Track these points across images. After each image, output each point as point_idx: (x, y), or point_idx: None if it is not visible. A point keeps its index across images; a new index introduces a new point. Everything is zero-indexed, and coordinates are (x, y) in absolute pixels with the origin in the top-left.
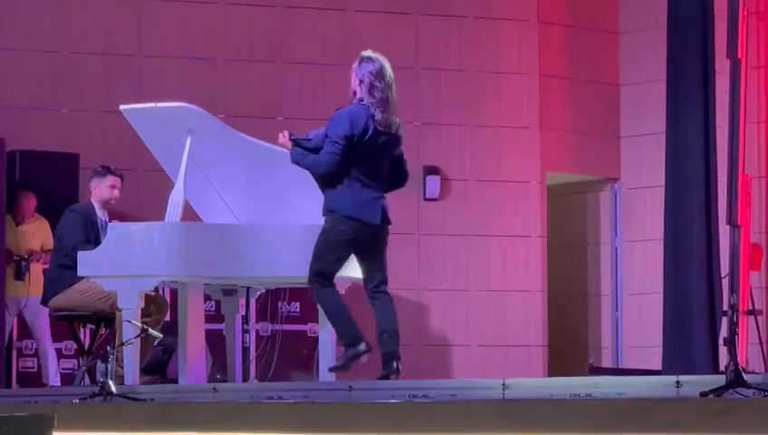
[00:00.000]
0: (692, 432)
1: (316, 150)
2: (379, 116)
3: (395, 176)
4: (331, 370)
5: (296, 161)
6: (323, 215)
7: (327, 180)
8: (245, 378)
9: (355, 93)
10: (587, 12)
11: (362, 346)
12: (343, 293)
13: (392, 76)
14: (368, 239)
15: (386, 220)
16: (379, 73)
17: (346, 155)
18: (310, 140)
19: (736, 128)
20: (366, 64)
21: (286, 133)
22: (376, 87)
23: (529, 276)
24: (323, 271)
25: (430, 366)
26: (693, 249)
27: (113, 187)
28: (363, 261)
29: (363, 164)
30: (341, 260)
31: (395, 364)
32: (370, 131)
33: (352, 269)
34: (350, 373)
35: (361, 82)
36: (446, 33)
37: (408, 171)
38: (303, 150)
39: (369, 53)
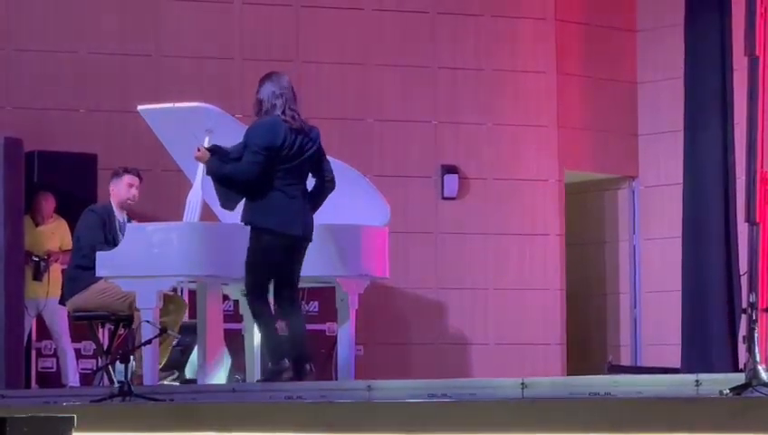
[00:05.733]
0: (712, 431)
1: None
2: (296, 125)
3: (319, 186)
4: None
5: (213, 172)
6: (249, 226)
7: (248, 189)
8: None
9: (265, 106)
10: (604, 10)
11: (285, 362)
12: (361, 292)
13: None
14: (291, 250)
15: (308, 233)
16: (290, 87)
17: (267, 165)
18: (228, 152)
19: (754, 125)
20: (278, 79)
21: (202, 147)
22: (290, 100)
23: (547, 275)
24: (259, 285)
25: (449, 365)
26: (711, 247)
27: (131, 185)
28: (283, 270)
29: (286, 175)
30: (272, 274)
31: (308, 367)
32: (288, 143)
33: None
34: (368, 373)
35: (280, 95)
36: (463, 32)
37: (333, 179)
38: (221, 161)
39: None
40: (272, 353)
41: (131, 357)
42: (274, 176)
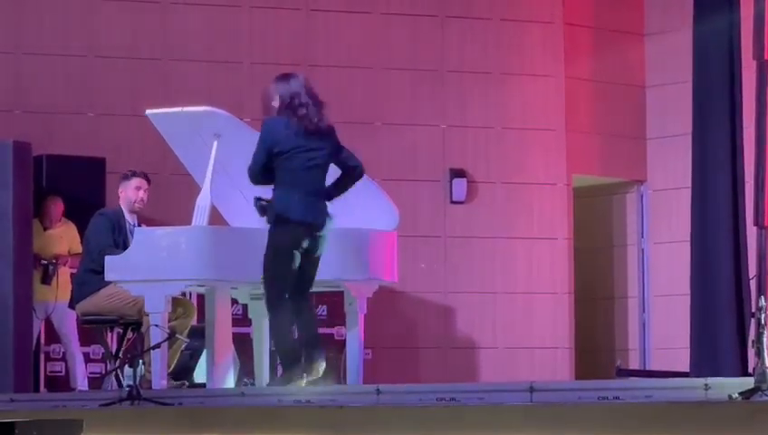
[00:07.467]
0: None
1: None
2: (307, 123)
3: (342, 175)
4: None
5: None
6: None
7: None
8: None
9: (275, 107)
10: (612, 13)
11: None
12: (370, 296)
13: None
14: (304, 239)
15: (317, 220)
16: (304, 87)
17: (266, 159)
18: None
19: (763, 129)
20: (292, 79)
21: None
22: (303, 100)
23: (555, 278)
24: (279, 284)
25: (457, 369)
26: (720, 251)
27: (138, 188)
28: (302, 265)
29: (296, 175)
30: (287, 268)
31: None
32: (293, 139)
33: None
34: (377, 377)
35: (293, 96)
36: (472, 36)
37: (356, 167)
38: None
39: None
40: (283, 358)
41: (140, 361)
42: (285, 176)
